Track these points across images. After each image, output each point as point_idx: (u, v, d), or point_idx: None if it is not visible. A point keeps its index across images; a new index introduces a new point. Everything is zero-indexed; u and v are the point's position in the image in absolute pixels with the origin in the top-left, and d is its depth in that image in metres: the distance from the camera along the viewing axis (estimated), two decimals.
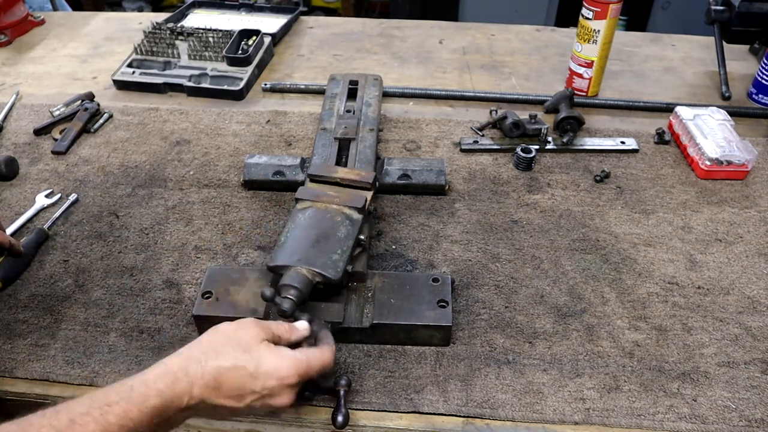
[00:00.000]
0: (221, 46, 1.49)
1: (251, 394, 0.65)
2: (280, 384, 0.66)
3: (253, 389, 0.65)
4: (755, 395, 0.78)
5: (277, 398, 0.67)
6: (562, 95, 1.29)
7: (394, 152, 1.23)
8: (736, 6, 1.36)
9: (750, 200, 1.10)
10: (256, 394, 0.65)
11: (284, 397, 0.67)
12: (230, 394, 0.64)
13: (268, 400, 0.66)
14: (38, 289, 0.94)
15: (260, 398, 0.66)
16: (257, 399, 0.66)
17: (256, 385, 0.65)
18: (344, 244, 0.83)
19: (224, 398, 0.64)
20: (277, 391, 0.66)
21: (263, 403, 0.66)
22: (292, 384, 0.67)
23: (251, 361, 0.65)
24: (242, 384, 0.65)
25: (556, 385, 0.80)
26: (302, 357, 0.68)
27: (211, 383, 0.63)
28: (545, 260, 0.98)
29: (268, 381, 0.65)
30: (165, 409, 0.60)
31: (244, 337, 0.67)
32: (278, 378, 0.66)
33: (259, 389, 0.65)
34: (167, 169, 1.18)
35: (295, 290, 0.77)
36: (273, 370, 0.66)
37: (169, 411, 0.61)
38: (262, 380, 0.65)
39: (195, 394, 0.62)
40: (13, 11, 1.68)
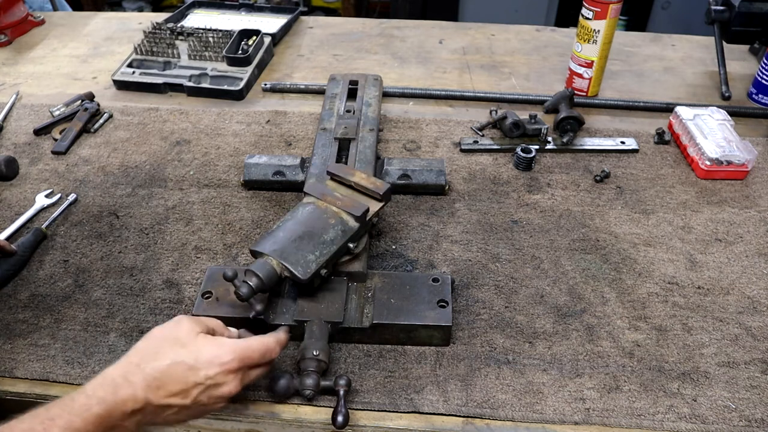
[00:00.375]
0: (221, 46, 1.49)
1: (195, 387, 0.65)
2: (223, 370, 0.66)
3: (195, 381, 0.65)
4: (755, 395, 0.78)
5: (222, 387, 0.67)
6: (562, 95, 1.29)
7: (394, 152, 1.23)
8: (736, 6, 1.36)
9: (750, 200, 1.10)
10: (201, 386, 0.65)
11: (229, 384, 0.67)
12: (174, 391, 0.64)
13: (214, 391, 0.66)
14: (38, 289, 0.94)
15: (205, 389, 0.66)
16: (203, 391, 0.66)
17: (198, 377, 0.65)
18: (326, 248, 0.82)
19: (169, 396, 0.64)
20: (220, 378, 0.66)
21: (210, 395, 0.66)
22: (233, 369, 0.67)
23: (190, 355, 0.65)
24: (184, 378, 0.65)
25: (556, 385, 0.80)
26: (241, 342, 0.69)
27: (153, 383, 0.63)
28: (545, 260, 0.98)
29: (209, 369, 0.65)
30: (109, 416, 0.61)
31: (179, 333, 0.67)
32: (219, 364, 0.66)
33: (202, 379, 0.65)
34: (167, 169, 1.18)
35: (257, 279, 0.77)
36: (213, 357, 0.66)
37: (113, 418, 0.61)
38: (204, 370, 0.65)
39: (139, 397, 0.63)
40: (13, 11, 1.68)
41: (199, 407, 0.67)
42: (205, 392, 0.66)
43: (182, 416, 0.67)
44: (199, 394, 0.65)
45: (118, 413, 0.61)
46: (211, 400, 0.67)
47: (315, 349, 0.76)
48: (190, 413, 0.67)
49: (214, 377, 0.66)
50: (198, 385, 0.65)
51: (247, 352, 0.68)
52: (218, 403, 0.68)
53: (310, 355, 0.76)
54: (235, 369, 0.67)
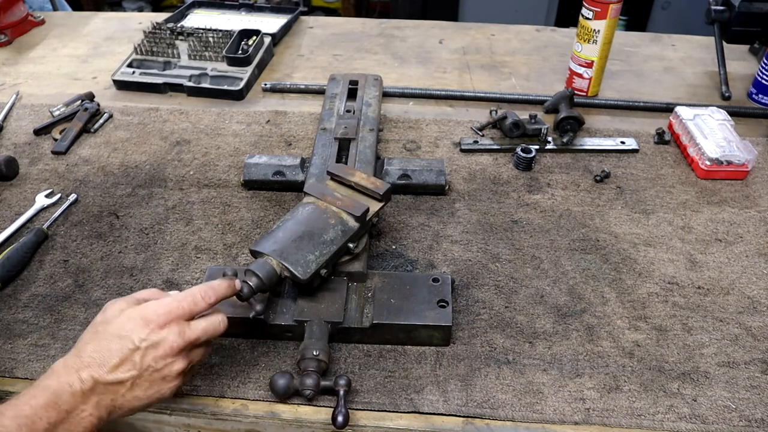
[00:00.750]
0: (221, 46, 1.49)
1: (134, 353, 0.65)
2: (152, 327, 0.66)
3: (130, 347, 0.65)
4: (755, 395, 0.78)
5: (162, 344, 0.66)
6: (562, 95, 1.29)
7: (394, 152, 1.23)
8: (736, 6, 1.36)
9: (750, 200, 1.10)
10: (139, 350, 0.65)
11: (169, 339, 0.67)
12: (116, 363, 0.65)
13: (156, 350, 0.66)
14: (38, 289, 0.94)
15: (146, 351, 0.66)
16: (144, 354, 0.66)
17: (131, 342, 0.65)
18: (326, 248, 0.82)
19: (114, 370, 0.65)
20: (155, 336, 0.66)
21: (154, 356, 0.66)
22: (162, 323, 0.67)
23: (119, 327, 0.66)
24: (119, 348, 0.65)
25: (556, 385, 0.80)
26: (166, 298, 0.70)
27: (93, 363, 0.64)
28: (545, 260, 0.98)
29: (139, 332, 0.66)
30: (57, 399, 0.61)
31: (106, 316, 0.69)
32: (147, 323, 0.66)
33: (137, 343, 0.65)
34: (167, 169, 1.18)
35: (257, 278, 0.77)
36: (140, 320, 0.67)
37: (64, 400, 0.62)
38: (134, 334, 0.66)
39: (84, 377, 0.63)
40: (13, 11, 1.68)
41: (154, 374, 0.67)
42: (148, 354, 0.66)
43: (145, 390, 0.67)
44: (142, 358, 0.66)
45: (67, 395, 0.62)
46: (158, 361, 0.67)
47: (315, 349, 0.76)
48: (150, 383, 0.67)
49: (147, 338, 0.66)
50: (136, 350, 0.65)
51: (173, 305, 0.69)
52: (171, 363, 0.67)
53: (310, 355, 0.76)
54: (165, 322, 0.67)
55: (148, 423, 0.80)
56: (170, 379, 0.68)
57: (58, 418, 0.61)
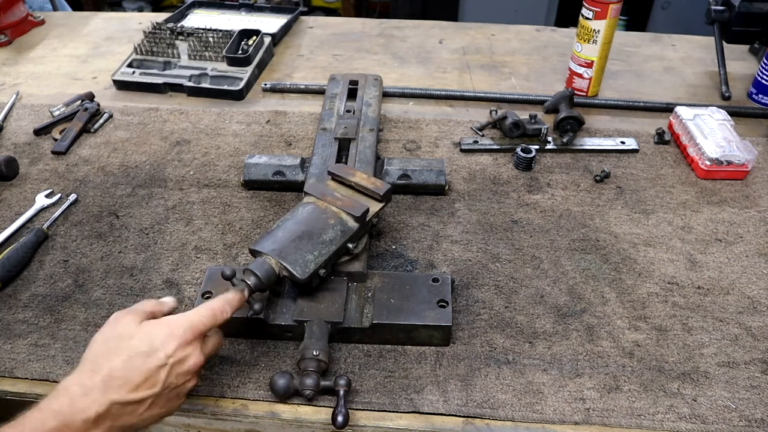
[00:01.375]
0: (221, 46, 1.49)
1: (160, 370, 0.64)
2: (180, 344, 0.65)
3: (158, 364, 0.64)
4: (755, 395, 0.78)
5: (186, 361, 0.66)
6: (562, 95, 1.29)
7: (394, 152, 1.23)
8: (736, 6, 1.36)
9: (750, 200, 1.10)
10: (165, 367, 0.64)
11: (192, 356, 0.66)
12: (139, 382, 0.63)
13: (180, 367, 0.65)
14: (38, 289, 0.94)
15: (171, 368, 0.64)
16: (169, 371, 0.64)
17: (159, 359, 0.64)
18: (325, 248, 0.82)
19: (136, 390, 0.62)
20: (180, 354, 0.65)
21: (177, 372, 0.65)
22: (189, 340, 0.66)
23: (142, 343, 0.64)
24: (146, 366, 0.63)
25: (556, 385, 0.80)
26: (187, 313, 0.69)
27: (114, 383, 0.62)
28: (545, 260, 0.98)
29: (167, 348, 0.64)
30: (67, 427, 0.59)
31: (121, 329, 0.66)
32: (175, 338, 0.65)
33: (164, 360, 0.64)
34: (167, 169, 1.18)
35: (255, 278, 0.77)
36: (167, 336, 0.65)
37: (72, 428, 0.59)
38: (162, 350, 0.64)
39: (100, 401, 0.60)
40: (13, 11, 1.68)
41: (173, 391, 0.66)
42: (172, 371, 0.65)
43: (160, 408, 0.65)
44: (167, 376, 0.64)
45: (78, 423, 0.59)
46: (180, 378, 0.66)
47: (315, 349, 0.76)
48: (167, 401, 0.66)
49: (174, 354, 0.65)
50: (162, 367, 0.64)
51: (195, 320, 0.68)
52: (189, 380, 0.67)
53: (310, 355, 0.76)
54: (191, 339, 0.67)
55: None
56: (182, 396, 0.68)
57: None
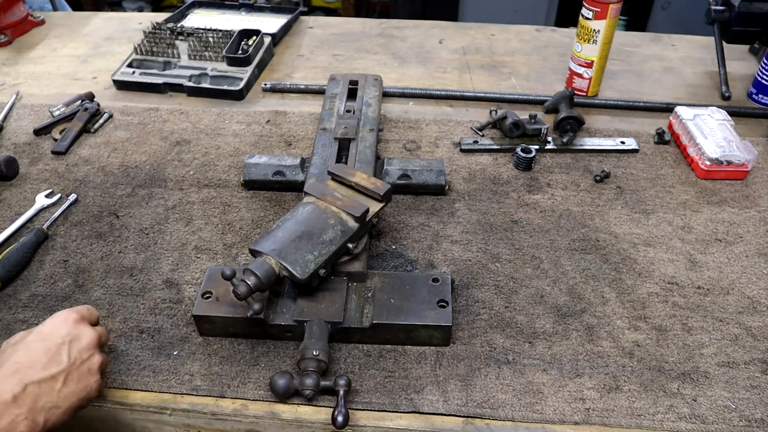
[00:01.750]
0: (221, 46, 1.49)
1: (61, 347, 0.69)
2: (69, 323, 0.72)
3: (57, 342, 0.69)
4: (755, 395, 0.78)
5: (82, 337, 0.71)
6: (562, 95, 1.29)
7: (394, 152, 1.23)
8: (736, 6, 1.36)
9: (750, 200, 1.10)
10: (65, 344, 0.69)
11: (86, 332, 0.72)
12: (44, 361, 0.67)
13: (79, 343, 0.70)
14: (38, 289, 0.94)
15: (70, 345, 0.69)
16: (70, 348, 0.69)
17: (54, 338, 0.69)
18: (325, 248, 0.82)
19: (45, 368, 0.66)
20: (75, 330, 0.71)
21: (79, 348, 0.70)
22: (76, 318, 0.73)
23: (36, 331, 0.71)
24: (44, 346, 0.68)
25: (556, 385, 0.80)
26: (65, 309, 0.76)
27: (21, 366, 0.66)
28: (545, 260, 0.98)
29: (59, 329, 0.71)
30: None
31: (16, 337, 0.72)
32: (62, 321, 0.72)
33: (61, 338, 0.70)
34: (167, 169, 1.18)
35: (255, 278, 0.78)
36: (53, 319, 0.72)
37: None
38: (55, 331, 0.70)
39: (12, 382, 0.64)
40: (13, 11, 1.68)
41: (81, 366, 0.69)
42: (73, 347, 0.70)
43: (76, 383, 0.69)
44: (69, 351, 0.69)
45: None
46: (83, 353, 0.70)
47: (315, 349, 0.76)
48: (80, 376, 0.69)
49: (69, 332, 0.71)
50: (62, 345, 0.69)
51: (77, 310, 0.75)
52: (92, 355, 0.71)
53: (310, 355, 0.76)
54: (77, 319, 0.73)
55: (148, 423, 0.80)
56: (94, 372, 0.71)
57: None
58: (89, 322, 0.75)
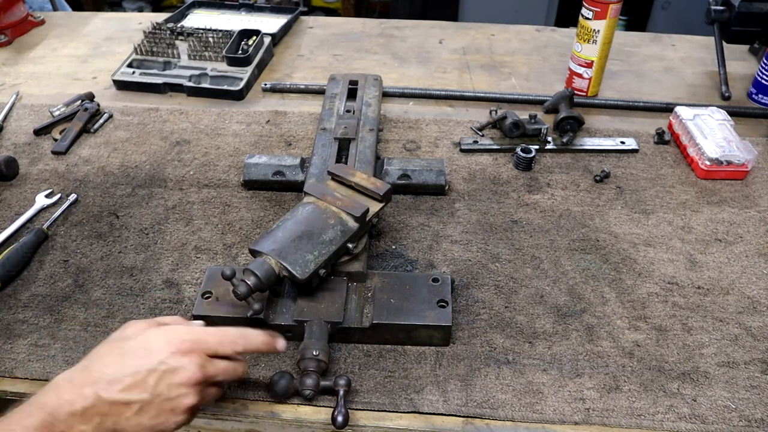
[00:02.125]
0: (221, 46, 1.49)
1: (150, 375, 0.62)
2: (175, 351, 0.63)
3: (148, 368, 0.62)
4: (755, 395, 0.78)
5: (179, 372, 0.63)
6: (562, 95, 1.29)
7: (394, 152, 1.23)
8: (735, 6, 1.36)
9: (750, 200, 1.10)
10: (155, 373, 0.62)
11: (187, 368, 0.64)
12: (129, 384, 0.62)
13: (171, 377, 0.63)
14: (38, 289, 0.94)
15: (162, 375, 0.62)
16: (159, 378, 0.62)
17: (150, 362, 0.62)
18: (325, 248, 0.82)
19: (125, 391, 0.61)
20: (175, 362, 0.63)
21: (169, 382, 0.63)
22: (186, 350, 0.64)
23: (138, 344, 0.64)
24: (136, 367, 0.62)
25: (556, 385, 0.80)
26: (196, 326, 0.67)
27: (103, 378, 0.61)
28: (545, 260, 0.98)
29: (160, 353, 0.63)
30: (53, 419, 0.59)
31: (127, 332, 0.66)
32: (169, 345, 0.63)
33: (155, 365, 0.62)
34: (167, 169, 1.19)
35: (255, 278, 0.78)
36: (164, 342, 0.64)
37: (59, 420, 0.59)
38: (155, 354, 0.63)
39: (86, 393, 0.60)
40: (13, 11, 1.68)
41: (164, 402, 0.63)
42: (163, 380, 0.63)
43: (150, 418, 0.63)
44: (156, 382, 0.62)
45: (63, 415, 0.59)
46: (172, 390, 0.63)
47: (315, 349, 0.76)
48: (158, 412, 0.63)
49: (167, 361, 0.63)
50: (152, 372, 0.62)
51: (200, 335, 0.66)
52: (184, 395, 0.64)
53: (310, 355, 0.76)
54: (189, 350, 0.64)
55: None
56: (178, 413, 0.64)
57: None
58: (205, 360, 0.66)
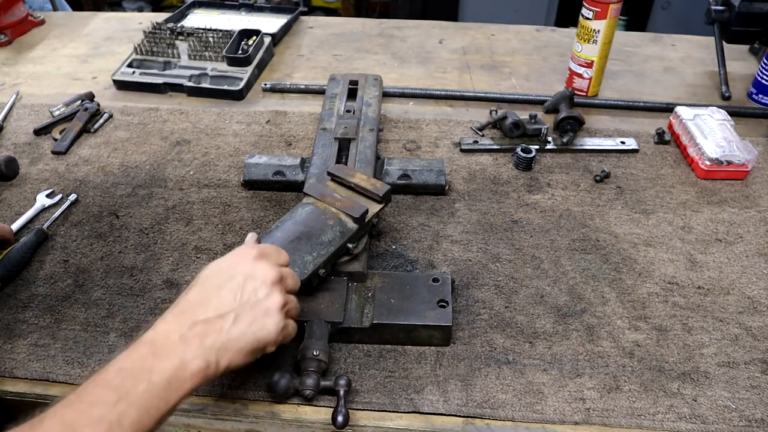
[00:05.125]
0: (221, 46, 1.49)
1: (232, 285, 0.67)
2: (249, 259, 0.69)
3: (229, 281, 0.67)
4: (755, 395, 0.78)
5: (257, 274, 0.68)
6: (562, 95, 1.29)
7: (394, 152, 1.23)
8: (736, 6, 1.36)
9: (750, 200, 1.10)
10: (236, 281, 0.67)
11: (264, 269, 0.69)
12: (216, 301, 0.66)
13: (252, 282, 0.67)
14: (38, 289, 0.94)
15: (243, 283, 0.67)
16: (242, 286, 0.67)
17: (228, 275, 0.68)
18: (324, 249, 0.82)
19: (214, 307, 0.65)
20: (250, 267, 0.68)
21: (253, 286, 0.67)
22: (257, 256, 0.70)
23: (212, 272, 0.69)
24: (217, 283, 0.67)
25: (556, 385, 0.80)
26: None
27: (191, 305, 0.66)
28: (545, 260, 0.98)
29: (234, 265, 0.69)
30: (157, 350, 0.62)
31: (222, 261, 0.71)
32: (239, 256, 0.69)
33: (234, 274, 0.68)
34: (167, 169, 1.18)
35: None
36: (230, 257, 0.70)
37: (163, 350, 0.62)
38: (231, 268, 0.68)
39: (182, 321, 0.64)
40: (13, 11, 1.68)
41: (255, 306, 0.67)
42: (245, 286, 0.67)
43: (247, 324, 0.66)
44: (240, 289, 0.67)
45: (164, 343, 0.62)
46: (257, 292, 0.67)
47: (315, 349, 0.76)
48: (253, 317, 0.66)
49: (243, 270, 0.68)
50: (233, 281, 0.67)
51: (259, 245, 0.73)
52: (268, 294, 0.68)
53: (310, 355, 0.76)
54: (257, 255, 0.70)
55: None
56: (272, 313, 0.67)
57: (160, 367, 0.60)
58: (276, 263, 0.71)
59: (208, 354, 0.63)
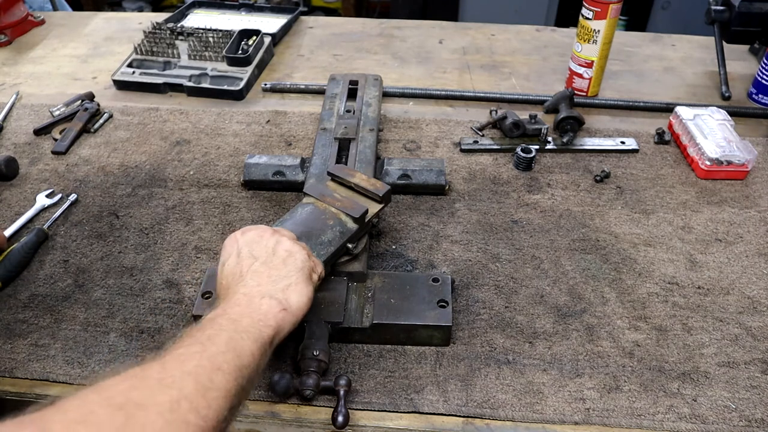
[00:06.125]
0: (221, 46, 1.49)
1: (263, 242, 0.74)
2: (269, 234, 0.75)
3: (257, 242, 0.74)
4: (755, 395, 0.78)
5: (282, 240, 0.74)
6: (562, 95, 1.29)
7: (394, 152, 1.23)
8: (736, 6, 1.36)
9: (750, 200, 1.10)
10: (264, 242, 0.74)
11: (287, 236, 0.76)
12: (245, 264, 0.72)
13: (279, 245, 0.74)
14: (38, 289, 0.94)
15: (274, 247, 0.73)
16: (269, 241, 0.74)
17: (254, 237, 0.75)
18: (324, 249, 0.82)
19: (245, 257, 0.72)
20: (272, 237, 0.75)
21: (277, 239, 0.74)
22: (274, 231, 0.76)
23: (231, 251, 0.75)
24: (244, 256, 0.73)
25: (556, 385, 0.80)
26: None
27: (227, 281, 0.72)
28: (545, 260, 0.98)
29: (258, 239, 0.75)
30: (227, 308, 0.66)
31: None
32: (259, 233, 0.75)
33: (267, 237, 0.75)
34: (167, 169, 1.18)
35: None
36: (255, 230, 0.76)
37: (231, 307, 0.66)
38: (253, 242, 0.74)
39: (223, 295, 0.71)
40: (13, 11, 1.68)
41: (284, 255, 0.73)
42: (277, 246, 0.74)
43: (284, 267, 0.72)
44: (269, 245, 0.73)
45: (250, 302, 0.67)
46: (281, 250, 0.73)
47: (315, 349, 0.76)
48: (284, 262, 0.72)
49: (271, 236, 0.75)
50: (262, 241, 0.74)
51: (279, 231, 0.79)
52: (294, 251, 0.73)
53: (310, 355, 0.76)
54: (273, 230, 0.77)
55: None
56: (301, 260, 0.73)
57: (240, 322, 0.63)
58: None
59: (274, 295, 0.68)
